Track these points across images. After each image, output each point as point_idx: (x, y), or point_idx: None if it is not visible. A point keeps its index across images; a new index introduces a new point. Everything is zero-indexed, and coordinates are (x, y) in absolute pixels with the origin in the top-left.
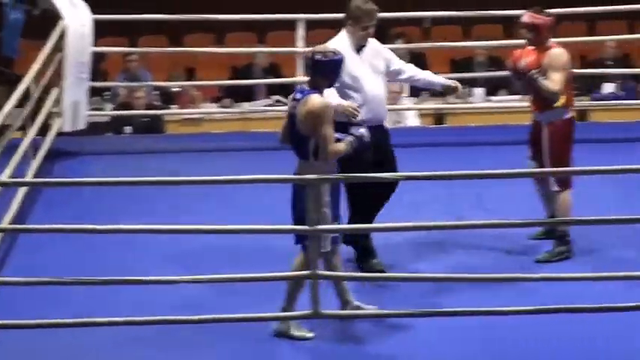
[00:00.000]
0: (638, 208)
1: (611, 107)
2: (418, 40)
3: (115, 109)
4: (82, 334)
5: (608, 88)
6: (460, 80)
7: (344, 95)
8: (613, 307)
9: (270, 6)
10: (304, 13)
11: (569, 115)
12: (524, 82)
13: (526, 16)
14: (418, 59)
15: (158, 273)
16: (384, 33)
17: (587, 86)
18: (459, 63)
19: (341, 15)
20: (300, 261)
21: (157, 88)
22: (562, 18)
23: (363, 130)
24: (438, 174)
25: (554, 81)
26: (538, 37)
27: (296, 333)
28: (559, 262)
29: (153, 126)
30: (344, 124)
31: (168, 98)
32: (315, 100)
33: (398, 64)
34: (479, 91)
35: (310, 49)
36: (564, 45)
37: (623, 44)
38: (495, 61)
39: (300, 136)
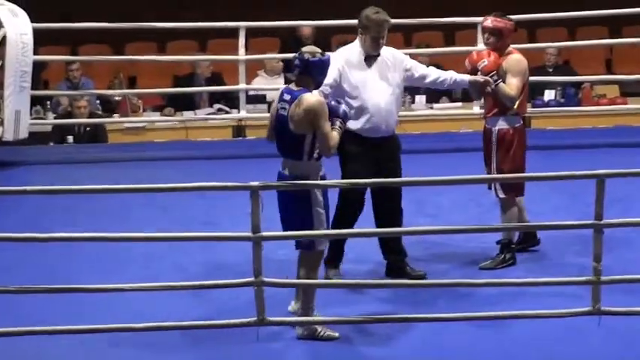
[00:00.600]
0: (582, 214)
1: (552, 114)
2: None
3: (57, 119)
4: (24, 342)
5: (550, 95)
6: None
7: (358, 109)
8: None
9: (213, 14)
10: (246, 20)
11: (521, 122)
12: (480, 84)
13: (489, 20)
14: None
15: (103, 281)
16: (327, 40)
17: (529, 93)
18: None
19: (284, 23)
20: (304, 265)
21: (99, 97)
22: None
23: (343, 108)
24: (380, 181)
25: (511, 86)
26: (500, 42)
27: (326, 333)
28: (503, 269)
29: (95, 135)
30: None
31: (110, 107)
32: (310, 98)
33: (421, 69)
34: (420, 99)
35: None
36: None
37: (564, 51)
38: (437, 68)
39: (293, 137)
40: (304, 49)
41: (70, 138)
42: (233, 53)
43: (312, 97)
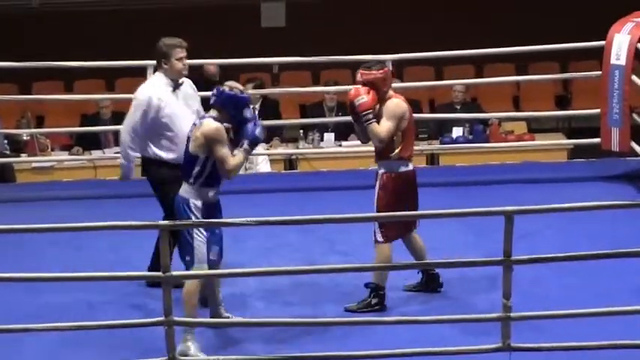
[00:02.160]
0: (491, 251)
1: (461, 151)
2: (269, 85)
3: None
4: None
5: (458, 131)
6: (310, 126)
7: (158, 135)
8: (471, 349)
9: (119, 52)
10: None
11: (406, 169)
12: (359, 123)
13: (358, 75)
14: (270, 105)
15: (12, 320)
16: (235, 78)
17: (437, 130)
18: (310, 108)
19: (189, 61)
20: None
21: (6, 136)
22: (410, 62)
23: (255, 131)
24: (287, 219)
25: (382, 127)
26: (379, 88)
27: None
28: (367, 312)
29: (3, 174)
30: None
31: (18, 147)
32: (209, 123)
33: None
34: (329, 137)
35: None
36: (410, 91)
37: (471, 88)
38: (344, 105)
39: (188, 158)
40: (227, 82)
41: None
42: None
43: (211, 123)
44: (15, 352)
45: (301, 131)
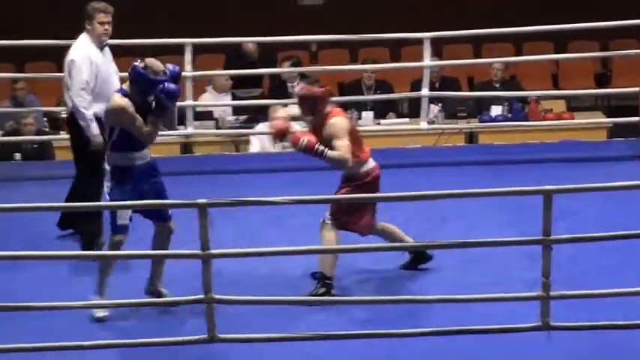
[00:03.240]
0: (528, 229)
1: (499, 129)
2: (307, 63)
3: (3, 136)
4: None
5: (496, 110)
6: (349, 104)
7: (100, 95)
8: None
9: (155, 30)
10: (191, 37)
11: (367, 168)
12: (319, 158)
13: (299, 88)
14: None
15: (49, 299)
16: (273, 56)
17: (476, 108)
18: (348, 86)
19: (229, 39)
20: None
21: (45, 114)
22: (450, 41)
23: (165, 91)
24: (326, 197)
25: (340, 148)
26: (313, 107)
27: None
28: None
29: (42, 152)
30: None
31: (57, 124)
32: (114, 99)
33: None
34: (367, 115)
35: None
36: (449, 69)
37: (511, 66)
38: (383, 84)
39: (107, 130)
40: (147, 59)
41: (18, 155)
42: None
43: (116, 99)
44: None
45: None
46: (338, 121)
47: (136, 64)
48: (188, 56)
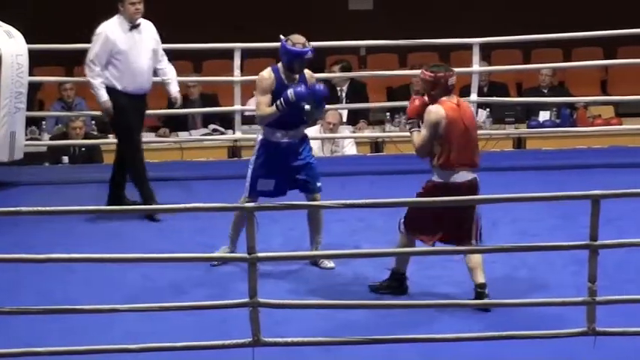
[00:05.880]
0: (577, 235)
1: (547, 135)
2: (355, 68)
3: (52, 139)
4: None
5: (545, 115)
6: (397, 109)
7: (114, 66)
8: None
9: (206, 34)
10: (240, 42)
11: (443, 179)
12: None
13: (420, 70)
14: (357, 87)
15: (99, 301)
16: (322, 61)
17: (524, 114)
18: (396, 91)
19: (278, 44)
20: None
21: (93, 117)
22: (498, 46)
23: (289, 92)
24: (373, 202)
25: (419, 136)
26: (428, 92)
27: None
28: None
29: (91, 156)
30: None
31: (105, 128)
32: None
33: (161, 52)
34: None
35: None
36: (497, 74)
37: (559, 72)
38: None
39: None
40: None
41: (66, 158)
42: (228, 74)
43: (263, 73)
44: (103, 332)
45: (388, 114)
46: (430, 110)
47: (282, 37)
48: (237, 61)
